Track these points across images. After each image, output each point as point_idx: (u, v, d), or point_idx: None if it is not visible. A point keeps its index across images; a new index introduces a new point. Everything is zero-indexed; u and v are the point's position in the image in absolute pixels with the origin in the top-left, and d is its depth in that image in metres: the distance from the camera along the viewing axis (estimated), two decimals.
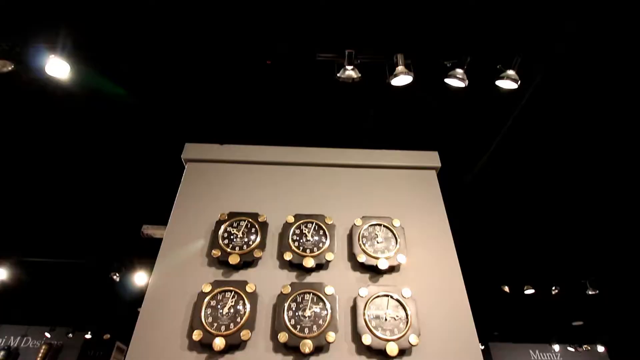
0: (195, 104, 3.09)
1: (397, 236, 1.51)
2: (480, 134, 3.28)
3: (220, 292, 1.33)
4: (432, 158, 1.87)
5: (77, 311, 7.96)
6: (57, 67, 2.27)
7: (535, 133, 3.28)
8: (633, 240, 4.65)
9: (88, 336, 9.10)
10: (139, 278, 5.44)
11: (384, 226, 1.55)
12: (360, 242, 1.49)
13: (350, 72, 2.38)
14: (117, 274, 5.76)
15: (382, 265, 1.42)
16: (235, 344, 1.23)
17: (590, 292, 6.07)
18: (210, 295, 1.32)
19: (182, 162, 1.82)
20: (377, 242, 1.50)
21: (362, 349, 1.26)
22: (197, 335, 1.22)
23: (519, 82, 2.38)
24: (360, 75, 2.39)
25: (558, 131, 3.25)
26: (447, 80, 2.43)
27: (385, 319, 1.29)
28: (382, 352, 1.22)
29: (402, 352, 1.24)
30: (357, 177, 1.80)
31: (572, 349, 9.58)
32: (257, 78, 2.87)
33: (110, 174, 3.82)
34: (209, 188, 1.72)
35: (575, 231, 4.66)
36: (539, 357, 9.74)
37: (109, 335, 8.95)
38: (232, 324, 1.25)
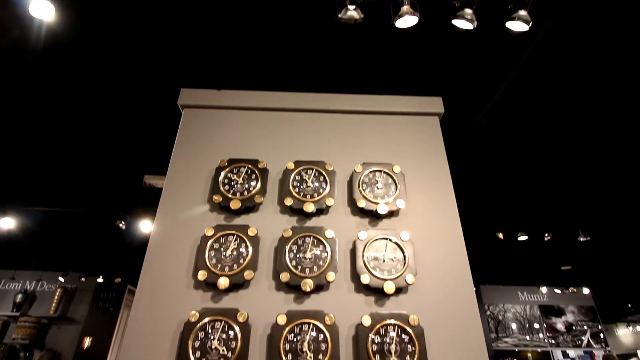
0: (191, 47, 2.94)
1: (397, 182, 1.52)
2: (486, 79, 3.17)
3: (222, 236, 1.37)
4: (436, 104, 1.82)
5: (88, 257, 8.33)
6: (41, 9, 2.12)
7: (542, 80, 3.17)
8: (625, 191, 4.73)
9: (100, 280, 9.61)
10: (144, 226, 5.61)
11: (384, 172, 1.55)
12: (360, 187, 1.50)
13: (352, 12, 2.24)
14: (123, 222, 5.95)
15: (382, 210, 1.44)
16: (239, 283, 1.29)
17: (581, 239, 6.29)
18: (214, 239, 1.36)
19: (179, 109, 1.77)
20: (377, 188, 1.51)
21: (360, 287, 1.32)
22: (202, 275, 1.27)
23: (530, 24, 2.24)
24: (362, 15, 2.25)
25: (566, 79, 3.14)
26: (454, 22, 2.29)
27: (384, 260, 1.34)
28: (379, 290, 1.29)
29: (399, 290, 1.30)
30: (358, 123, 1.76)
31: (559, 291, 10.14)
32: (255, 19, 2.71)
33: (109, 124, 3.77)
34: (207, 135, 1.70)
35: (571, 180, 4.70)
36: (527, 298, 10.34)
37: (119, 279, 9.45)
38: (235, 265, 1.30)
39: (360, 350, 1.17)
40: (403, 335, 1.20)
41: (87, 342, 9.34)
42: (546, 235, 6.33)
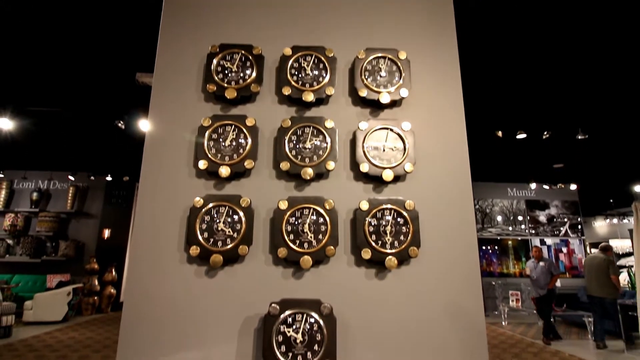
0: None
1: (401, 69, 1.42)
2: None
3: (220, 126, 1.34)
4: None
5: (94, 157, 8.53)
6: None
7: None
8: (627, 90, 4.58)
9: (109, 178, 9.98)
10: (143, 125, 5.59)
11: (389, 59, 1.44)
12: (363, 76, 1.41)
13: None
14: (122, 122, 5.89)
15: (384, 99, 1.38)
16: (240, 172, 1.31)
17: (579, 137, 6.32)
18: (211, 129, 1.33)
19: None
20: (380, 76, 1.43)
21: (359, 176, 1.35)
22: (203, 164, 1.28)
23: None
24: None
25: None
26: None
27: (384, 150, 1.34)
28: (378, 178, 1.31)
29: (397, 178, 1.33)
30: (361, 4, 1.57)
31: (547, 187, 10.64)
32: None
33: (97, 24, 3.46)
34: (194, 19, 1.52)
35: (576, 78, 4.51)
36: (515, 194, 10.91)
37: (127, 177, 9.81)
38: (235, 155, 1.30)
39: (358, 231, 1.25)
40: (398, 219, 1.27)
41: (107, 233, 10.17)
42: (545, 133, 6.34)
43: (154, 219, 1.29)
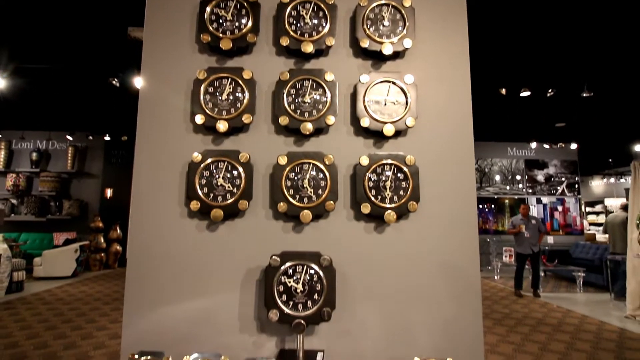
0: None
1: (405, 18, 1.35)
2: None
3: (216, 79, 1.29)
4: None
5: (91, 117, 8.41)
6: None
7: None
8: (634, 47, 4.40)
9: (107, 138, 9.90)
10: (138, 82, 5.43)
11: (392, 6, 1.36)
12: (365, 25, 1.34)
13: None
14: (116, 80, 5.72)
15: (387, 50, 1.32)
16: (238, 127, 1.28)
17: (584, 95, 6.18)
18: (207, 82, 1.29)
19: None
20: (383, 26, 1.35)
21: (360, 131, 1.33)
22: (200, 119, 1.26)
23: None
24: None
25: None
26: None
27: (385, 104, 1.30)
28: (378, 133, 1.29)
29: (398, 133, 1.31)
30: None
31: (547, 146, 10.59)
32: None
33: None
34: None
35: (583, 34, 4.32)
36: (515, 153, 10.89)
37: (126, 137, 9.73)
38: (232, 109, 1.27)
39: (357, 186, 1.25)
40: (398, 174, 1.27)
41: (109, 193, 10.27)
42: (549, 91, 6.19)
43: (153, 175, 1.29)
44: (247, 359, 1.03)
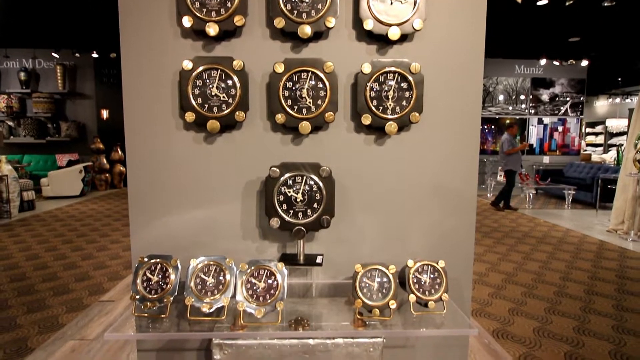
0: None
1: None
2: None
3: None
4: None
5: (76, 32, 7.82)
6: None
7: None
8: None
9: (95, 55, 9.35)
10: None
11: None
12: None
13: None
14: None
15: None
16: (230, 30, 1.18)
17: (606, 4, 5.68)
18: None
19: None
20: None
21: (362, 34, 1.23)
22: (188, 21, 1.14)
23: None
24: None
25: None
26: None
27: (391, 3, 1.17)
28: (383, 38, 1.20)
29: (404, 37, 1.21)
30: None
31: (557, 63, 10.09)
32: None
33: None
34: None
35: None
36: (522, 71, 10.42)
37: (114, 54, 9.17)
38: (222, 9, 1.15)
39: (359, 96, 1.20)
40: (402, 83, 1.21)
41: (105, 113, 10.06)
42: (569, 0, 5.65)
43: (143, 86, 1.22)
44: (251, 260, 1.09)
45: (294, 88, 1.19)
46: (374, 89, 1.20)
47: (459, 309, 1.17)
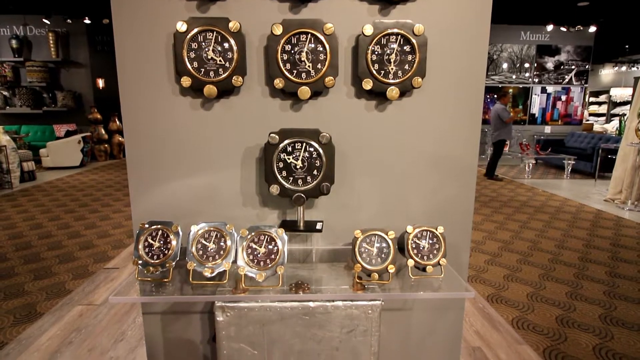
0: None
1: None
2: None
3: None
4: None
5: None
6: None
7: None
8: None
9: (87, 21, 9.03)
10: None
11: None
12: None
13: None
14: None
15: None
16: None
17: None
18: None
19: None
20: None
21: None
22: None
23: None
24: None
25: None
26: None
27: None
28: None
29: None
30: None
31: (564, 29, 9.77)
32: None
33: None
34: None
35: None
36: (528, 38, 10.12)
37: (107, 20, 8.85)
38: None
39: (360, 59, 1.16)
40: (405, 46, 1.16)
41: (101, 83, 9.85)
42: None
43: (136, 49, 1.18)
44: (251, 226, 1.10)
45: (292, 51, 1.15)
46: (376, 52, 1.16)
47: (456, 272, 1.19)
